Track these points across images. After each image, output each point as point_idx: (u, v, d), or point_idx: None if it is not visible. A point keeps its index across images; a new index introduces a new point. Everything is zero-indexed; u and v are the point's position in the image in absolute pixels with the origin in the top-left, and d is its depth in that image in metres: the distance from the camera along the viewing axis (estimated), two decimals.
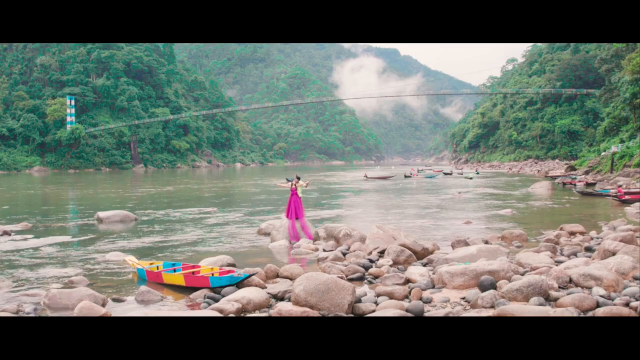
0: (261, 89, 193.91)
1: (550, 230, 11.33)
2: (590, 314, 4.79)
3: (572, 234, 10.47)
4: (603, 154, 40.69)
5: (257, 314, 5.14)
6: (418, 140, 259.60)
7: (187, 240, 11.10)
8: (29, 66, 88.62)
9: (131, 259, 7.73)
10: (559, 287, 5.62)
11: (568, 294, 5.25)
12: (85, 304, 5.44)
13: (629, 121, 41.01)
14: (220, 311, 4.86)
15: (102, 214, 13.93)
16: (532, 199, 21.31)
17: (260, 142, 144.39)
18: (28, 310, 5.57)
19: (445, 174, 51.49)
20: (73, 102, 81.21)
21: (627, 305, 5.01)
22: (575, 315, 4.56)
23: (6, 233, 11.43)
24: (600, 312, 4.68)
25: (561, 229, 10.78)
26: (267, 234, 11.22)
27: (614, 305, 4.86)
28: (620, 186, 23.88)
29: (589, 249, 8.59)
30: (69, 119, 79.74)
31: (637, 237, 9.32)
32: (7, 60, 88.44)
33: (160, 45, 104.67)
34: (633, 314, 4.71)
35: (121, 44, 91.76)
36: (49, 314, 5.55)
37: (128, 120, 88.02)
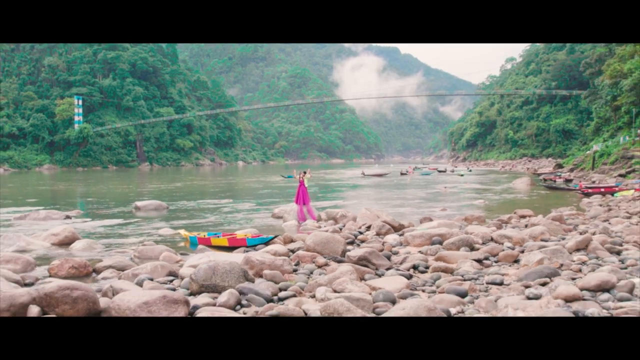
0: (262, 88, 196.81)
1: (506, 214, 13.99)
2: (496, 257, 7.45)
3: (522, 216, 13.11)
4: (587, 152, 43.33)
5: (281, 257, 7.80)
6: (418, 138, 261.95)
7: (214, 222, 13.77)
8: (36, 66, 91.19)
9: (183, 231, 10.46)
10: (482, 243, 8.30)
11: (486, 246, 7.94)
12: (166, 254, 8.13)
13: (611, 122, 43.71)
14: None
15: (139, 203, 16.61)
16: (508, 192, 24.00)
17: (262, 141, 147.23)
18: (127, 259, 8.24)
19: (440, 171, 54.08)
20: (80, 102, 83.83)
21: (522, 252, 7.69)
22: (483, 256, 7.21)
23: (67, 217, 14.11)
24: (501, 254, 7.35)
25: (514, 212, 13.42)
26: (280, 217, 13.94)
27: (513, 251, 7.51)
28: (588, 181, 26.55)
29: (527, 226, 11.23)
30: (76, 118, 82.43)
31: (567, 218, 12.04)
32: (15, 60, 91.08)
33: (164, 45, 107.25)
34: (521, 254, 7.38)
35: (126, 45, 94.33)
36: (138, 262, 8.18)
37: (134, 119, 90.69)
